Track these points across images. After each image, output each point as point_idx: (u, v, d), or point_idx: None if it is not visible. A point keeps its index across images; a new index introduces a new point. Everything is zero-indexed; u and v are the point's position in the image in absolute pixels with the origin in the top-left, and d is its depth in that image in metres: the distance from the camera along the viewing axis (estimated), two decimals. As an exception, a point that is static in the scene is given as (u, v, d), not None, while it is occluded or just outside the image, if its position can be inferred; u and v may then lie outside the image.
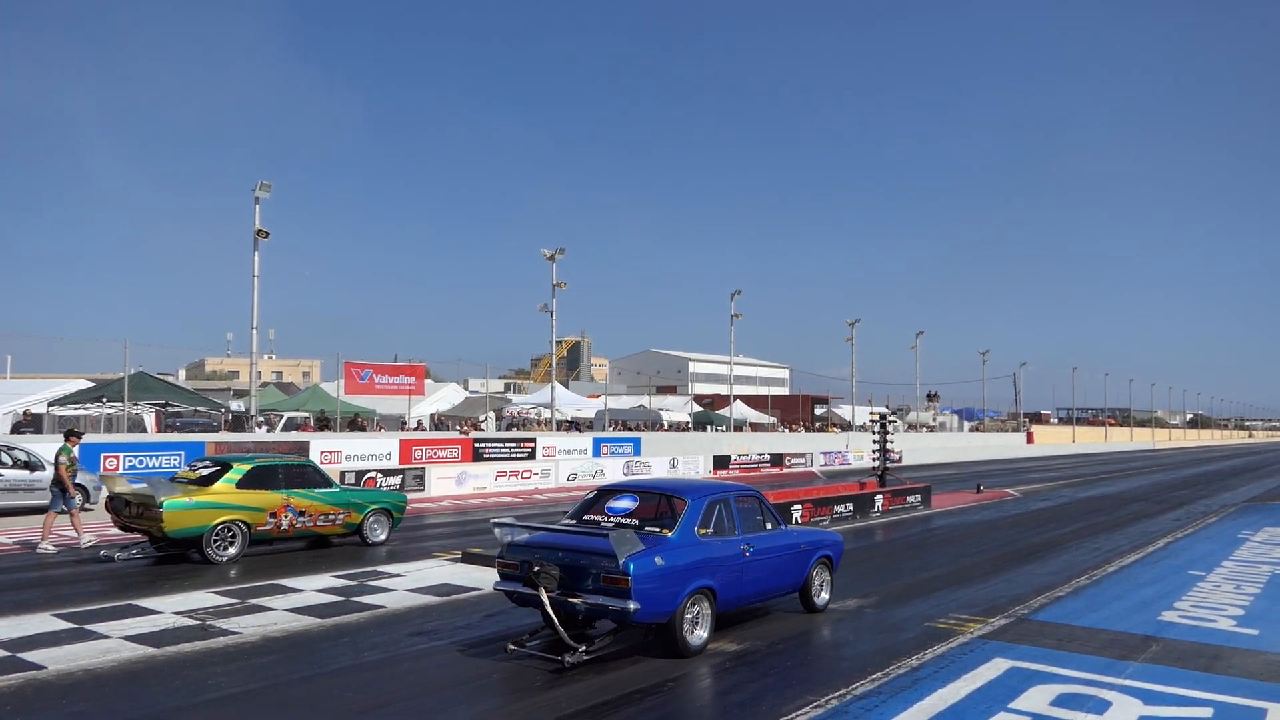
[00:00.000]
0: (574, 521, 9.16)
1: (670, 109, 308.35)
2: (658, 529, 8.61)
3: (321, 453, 25.75)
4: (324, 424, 31.90)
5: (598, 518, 9.08)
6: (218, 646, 8.61)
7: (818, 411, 68.18)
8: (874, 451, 24.92)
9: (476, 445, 30.63)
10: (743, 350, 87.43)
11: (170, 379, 36.81)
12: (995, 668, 8.22)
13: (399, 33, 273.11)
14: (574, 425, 44.04)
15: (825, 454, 45.16)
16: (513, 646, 8.45)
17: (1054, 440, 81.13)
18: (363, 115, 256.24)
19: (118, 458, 22.89)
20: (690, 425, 51.44)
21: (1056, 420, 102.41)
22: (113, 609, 10.09)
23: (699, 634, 8.48)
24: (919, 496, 23.90)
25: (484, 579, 12.29)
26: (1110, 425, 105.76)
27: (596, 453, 34.89)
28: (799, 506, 18.94)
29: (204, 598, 10.86)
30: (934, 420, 72.73)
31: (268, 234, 27.76)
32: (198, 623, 9.53)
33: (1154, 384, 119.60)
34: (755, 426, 54.72)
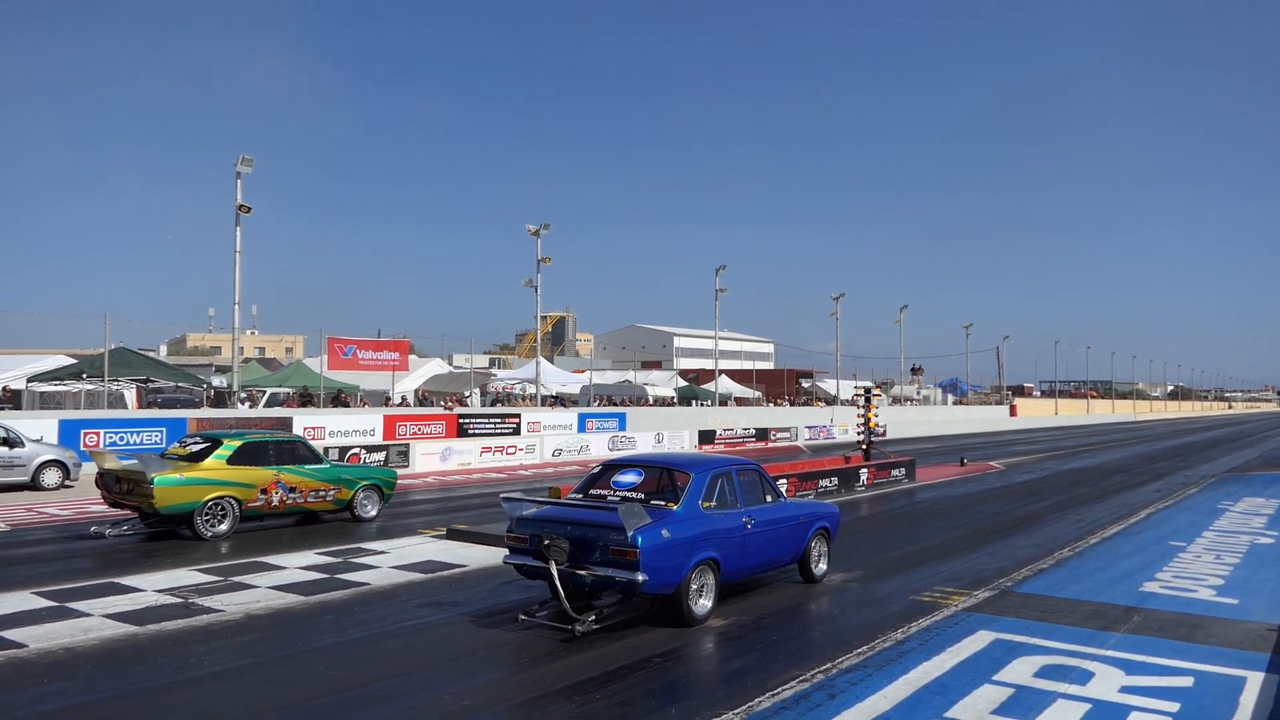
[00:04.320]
0: (580, 495, 9.38)
1: (657, 87, 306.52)
2: (663, 502, 8.81)
3: (305, 429, 25.61)
4: (307, 400, 31.70)
5: (604, 492, 9.29)
6: (200, 624, 8.56)
7: (803, 385, 68.38)
8: (859, 425, 25.01)
9: (461, 421, 30.54)
10: (727, 325, 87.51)
11: (151, 355, 36.49)
12: (980, 640, 8.27)
13: (386, 12, 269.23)
14: (559, 400, 43.98)
15: (810, 428, 45.31)
16: (523, 616, 8.64)
17: (1037, 413, 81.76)
18: (348, 92, 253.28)
19: (98, 434, 22.70)
20: (675, 400, 51.48)
21: (1039, 393, 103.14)
22: (94, 587, 10.01)
23: (704, 604, 8.72)
24: (903, 470, 24.03)
25: (469, 556, 12.29)
26: (1092, 398, 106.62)
27: (581, 428, 34.88)
28: (784, 481, 18.98)
29: (187, 575, 10.79)
30: (918, 394, 73.06)
31: (250, 209, 27.44)
32: (180, 600, 9.47)
33: (1135, 357, 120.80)
34: (740, 401, 54.80)
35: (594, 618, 8.17)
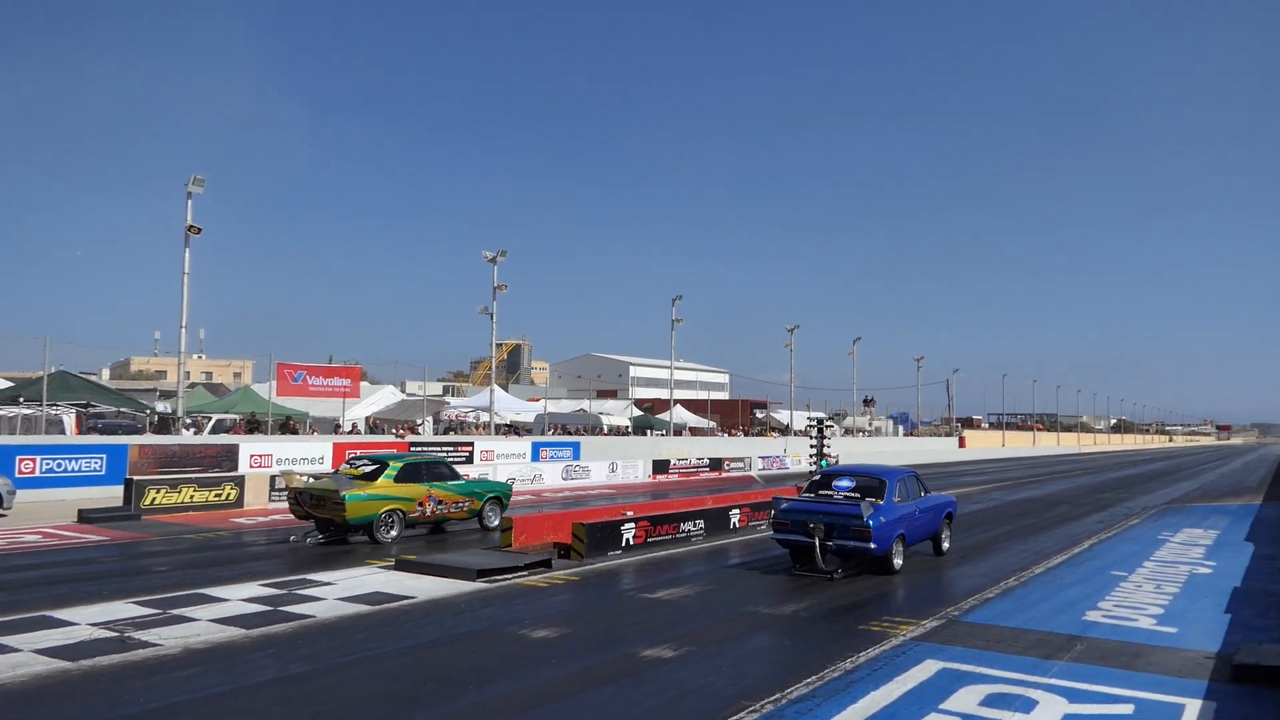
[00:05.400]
0: (812, 495, 14.18)
1: (616, 123, 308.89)
2: (874, 499, 13.46)
3: (251, 456, 25.11)
4: (255, 426, 31.12)
5: (829, 492, 14.04)
6: (136, 660, 8.30)
7: (757, 416, 68.73)
8: (811, 456, 25.16)
9: (413, 449, 30.16)
10: (683, 355, 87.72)
11: (93, 378, 35.54)
12: (927, 669, 8.33)
13: (343, 44, 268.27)
14: (513, 429, 43.68)
15: (764, 458, 45.48)
16: (797, 570, 13.56)
17: (985, 444, 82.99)
18: (303, 120, 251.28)
19: (34, 460, 22.04)
20: (630, 429, 51.41)
21: (987, 425, 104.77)
22: (25, 621, 9.67)
23: (898, 561, 13.70)
24: (854, 500, 24.17)
25: (417, 587, 12.09)
26: (1038, 430, 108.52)
27: (535, 457, 34.66)
28: (737, 510, 19.02)
29: (123, 608, 10.47)
30: (870, 425, 73.84)
31: (200, 229, 27.00)
32: (115, 635, 9.17)
33: (1080, 390, 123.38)
34: (695, 431, 54.89)
35: (841, 571, 13.19)
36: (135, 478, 21.24)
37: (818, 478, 14.92)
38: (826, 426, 25.99)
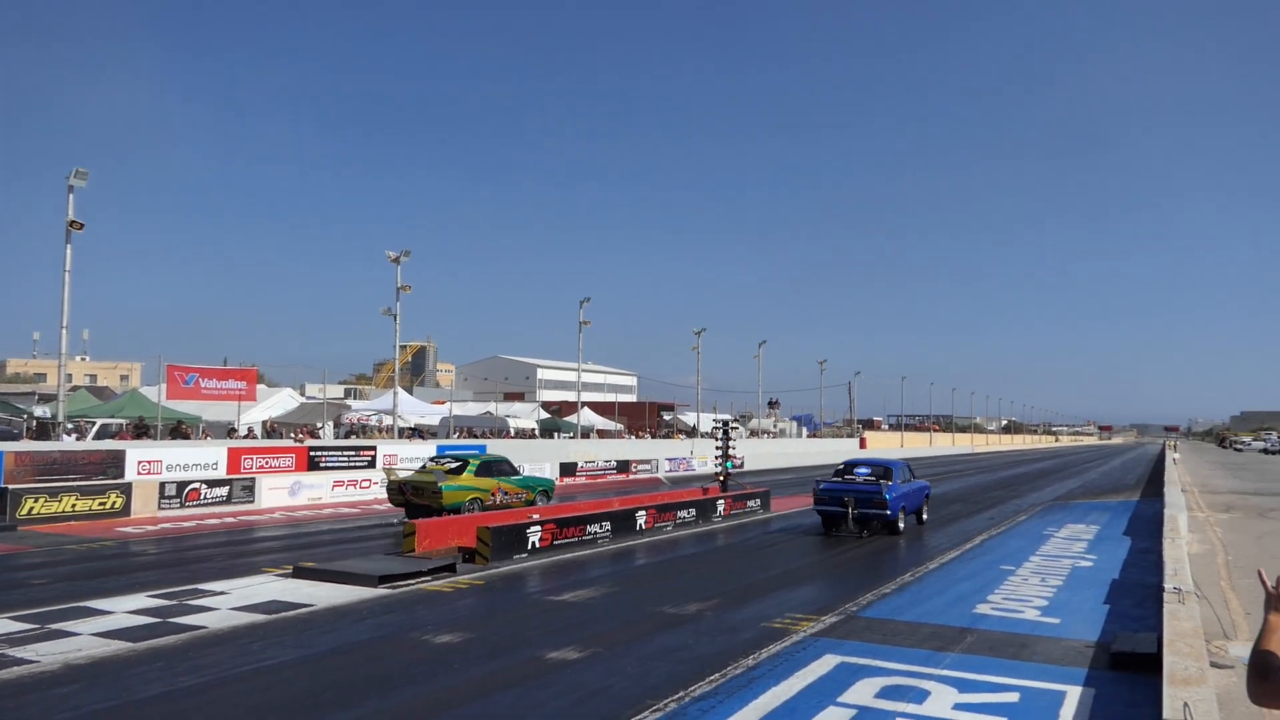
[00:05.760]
0: (840, 479, 19.33)
1: (521, 123, 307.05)
2: (885, 480, 18.82)
3: (139, 463, 24.02)
4: (142, 431, 29.78)
5: (853, 476, 19.30)
6: (10, 678, 7.87)
7: (664, 418, 69.17)
8: (717, 457, 25.49)
9: (312, 454, 29.33)
10: (591, 358, 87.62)
11: (-37, 383, 33.44)
12: (826, 664, 8.55)
13: (240, 41, 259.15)
14: (417, 432, 42.90)
15: (671, 460, 45.78)
16: (833, 532, 18.85)
17: (885, 445, 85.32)
18: (191, 108, 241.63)
19: (-103, 470, 20.58)
20: (537, 432, 51.13)
21: (887, 426, 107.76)
22: (-115, 639, 9.06)
23: (901, 525, 18.89)
24: (759, 501, 24.60)
25: (316, 594, 11.79)
26: (935, 431, 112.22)
27: (440, 460, 34.10)
28: (643, 512, 19.14)
29: (-3, 623, 9.91)
30: (775, 427, 75.18)
31: (82, 225, 25.69)
32: (-12, 651, 8.68)
33: (973, 393, 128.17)
34: (603, 433, 54.96)
35: (866, 532, 18.64)
36: (11, 486, 20.10)
37: (842, 465, 20.37)
38: (732, 428, 26.34)
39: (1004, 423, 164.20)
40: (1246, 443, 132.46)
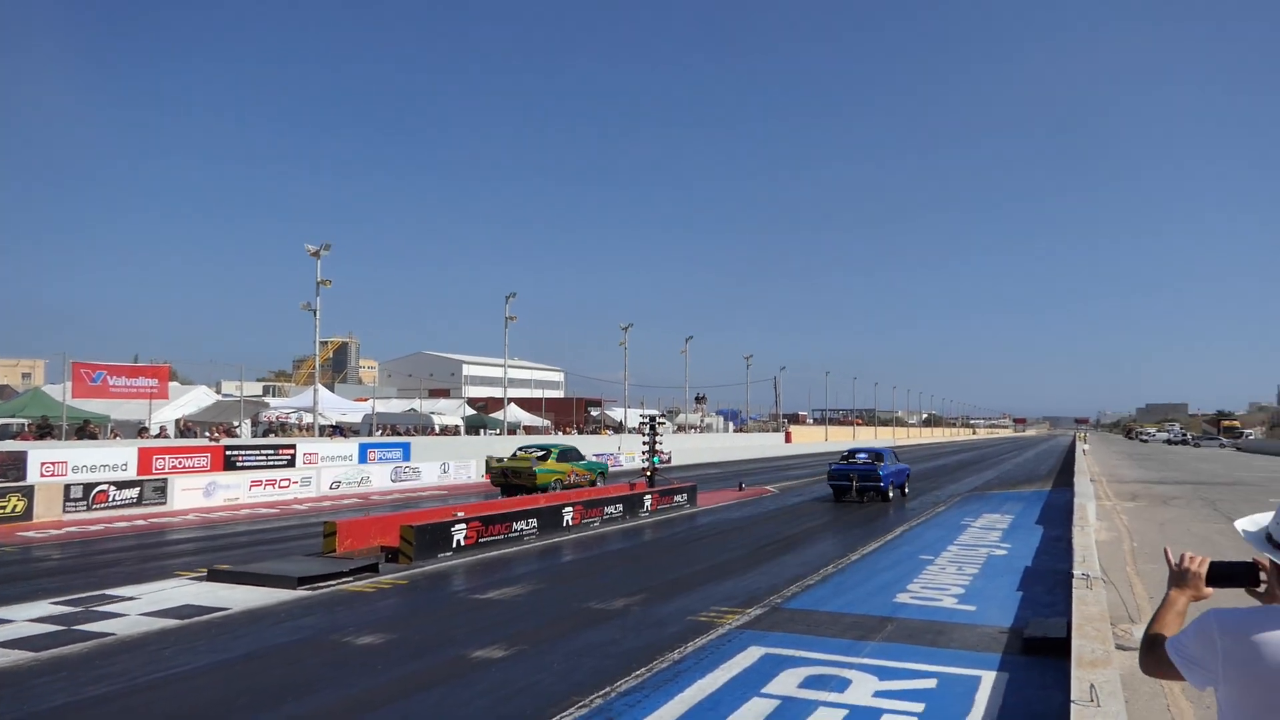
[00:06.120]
0: (845, 461, 26.01)
1: (447, 116, 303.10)
2: (879, 463, 25.45)
3: (42, 464, 23.03)
4: (46, 431, 28.55)
5: (854, 459, 26.09)
6: (-101, 690, 7.48)
7: (592, 414, 69.13)
8: (644, 452, 25.58)
9: (228, 453, 28.51)
10: (518, 354, 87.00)
11: None
12: (750, 655, 8.66)
13: (156, 30, 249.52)
14: (339, 430, 42.04)
15: (598, 456, 45.81)
16: (844, 499, 25.39)
17: (810, 439, 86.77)
18: (98, 97, 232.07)
19: None
20: (463, 429, 50.58)
21: (812, 421, 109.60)
22: None
23: (890, 495, 25.48)
24: (685, 495, 24.78)
25: (232, 598, 11.48)
26: (858, 425, 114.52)
27: (363, 459, 33.47)
28: (570, 509, 19.10)
29: (-116, 635, 9.39)
30: (701, 422, 75.74)
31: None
32: (-126, 664, 8.23)
33: (895, 387, 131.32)
34: (529, 429, 54.62)
35: (865, 499, 25.15)
36: (-100, 490, 19.06)
37: (846, 452, 27.82)
38: (659, 424, 26.45)
39: (924, 416, 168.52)
40: (1151, 434, 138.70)
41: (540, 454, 26.16)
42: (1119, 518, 21.45)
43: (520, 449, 27.42)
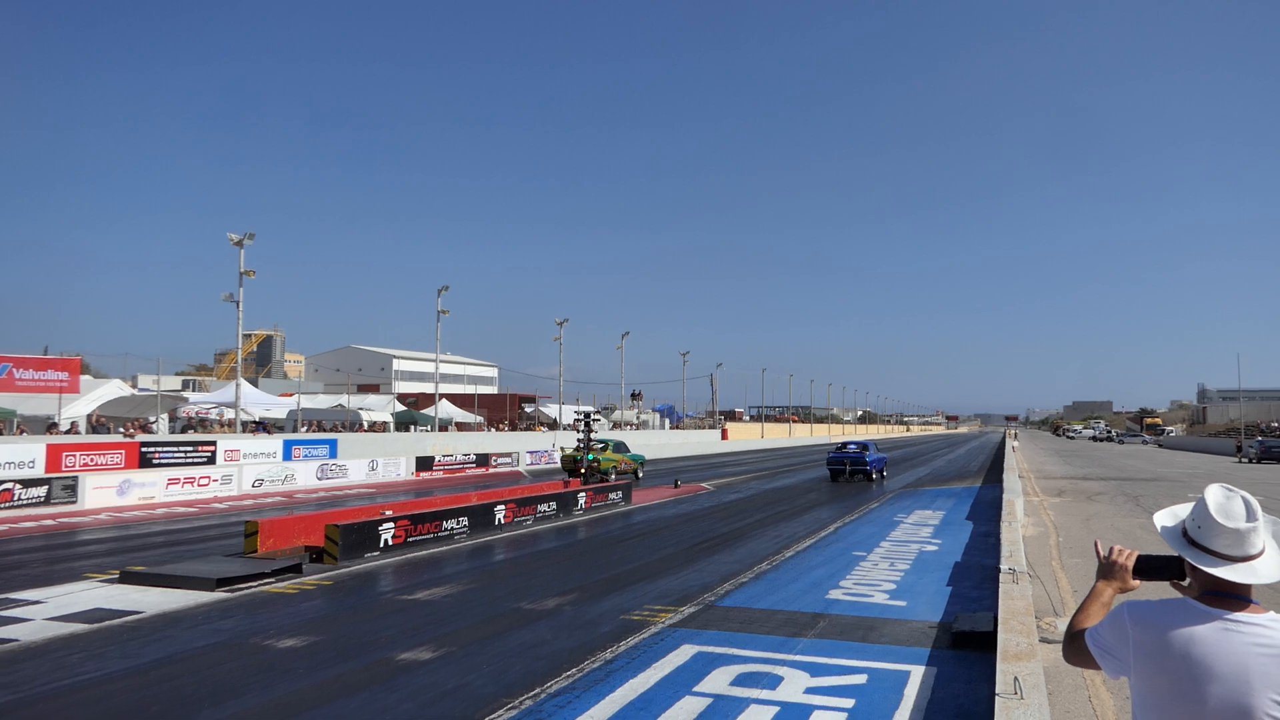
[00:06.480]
0: (841, 451, 35.44)
1: (373, 99, 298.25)
2: (865, 452, 34.86)
3: (-59, 462, 22.07)
4: (-55, 428, 27.36)
5: (847, 450, 35.40)
6: None
7: (526, 410, 68.78)
8: (579, 449, 25.53)
9: (144, 450, 27.66)
10: (450, 348, 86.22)
11: None
12: (683, 654, 8.70)
13: (76, 12, 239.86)
14: (262, 426, 41.13)
15: (532, 453, 45.58)
16: (841, 479, 34.21)
17: (746, 436, 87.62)
18: (14, 83, 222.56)
19: None
20: (392, 425, 49.90)
21: (749, 418, 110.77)
22: None
23: (875, 476, 34.82)
24: (620, 493, 24.81)
25: (146, 600, 11.15)
26: (794, 422, 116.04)
27: (288, 456, 32.79)
28: (502, 507, 18.98)
29: None
30: (637, 419, 75.91)
31: None
32: None
33: (830, 384, 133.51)
34: (461, 426, 54.12)
35: (860, 479, 34.32)
36: None
37: (839, 444, 37.26)
38: (594, 420, 26.44)
39: (859, 413, 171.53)
40: (1078, 431, 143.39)
41: (600, 446, 32.98)
42: (1046, 513, 22.11)
43: (583, 442, 33.67)
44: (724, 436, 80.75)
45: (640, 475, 35.34)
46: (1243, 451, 58.45)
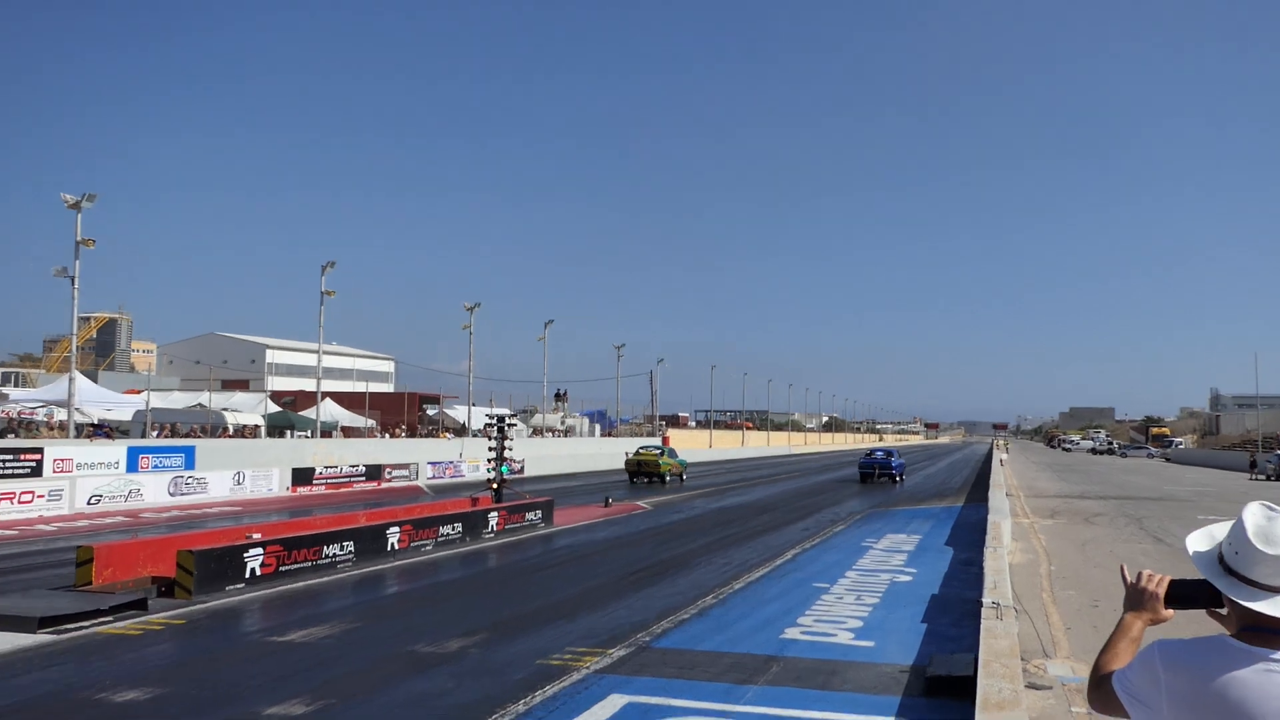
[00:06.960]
0: (870, 457, 50.67)
1: (246, 49, 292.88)
2: (891, 458, 50.12)
3: None
4: None
5: (875, 456, 51.05)
6: None
7: (428, 413, 68.24)
8: (490, 461, 25.40)
9: (-49, 458, 26.77)
10: (336, 337, 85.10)
11: None
12: (611, 705, 8.72)
13: None
14: (102, 430, 40.15)
15: (434, 464, 45.27)
16: (868, 481, 47.69)
17: (691, 445, 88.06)
18: None
19: None
20: (264, 429, 49.10)
21: (694, 423, 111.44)
22: None
23: (899, 479, 48.94)
24: (540, 512, 24.76)
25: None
26: (748, 428, 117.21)
27: (133, 467, 32.00)
28: (396, 529, 18.79)
29: None
30: (562, 424, 75.87)
31: None
32: None
33: (791, 385, 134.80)
34: (349, 431, 53.49)
35: (887, 481, 47.82)
36: None
37: (867, 450, 57.37)
38: (510, 425, 26.32)
39: (824, 419, 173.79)
40: (1075, 442, 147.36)
41: (658, 451, 45.87)
42: (1036, 537, 22.68)
43: (642, 448, 47.46)
44: (664, 444, 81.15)
45: (684, 478, 45.60)
46: (1258, 467, 59.22)
